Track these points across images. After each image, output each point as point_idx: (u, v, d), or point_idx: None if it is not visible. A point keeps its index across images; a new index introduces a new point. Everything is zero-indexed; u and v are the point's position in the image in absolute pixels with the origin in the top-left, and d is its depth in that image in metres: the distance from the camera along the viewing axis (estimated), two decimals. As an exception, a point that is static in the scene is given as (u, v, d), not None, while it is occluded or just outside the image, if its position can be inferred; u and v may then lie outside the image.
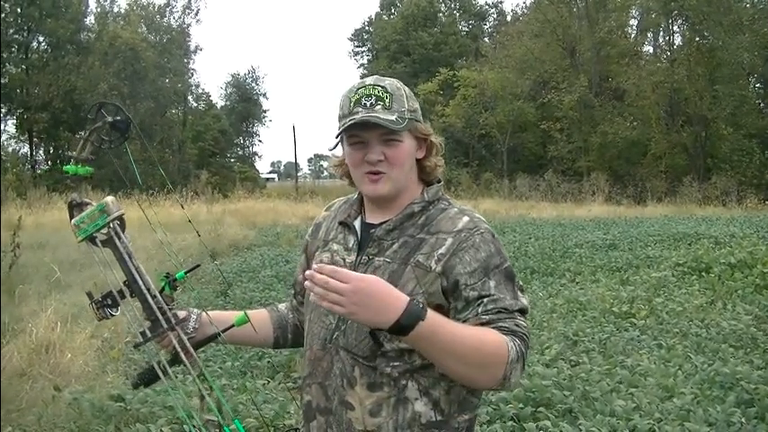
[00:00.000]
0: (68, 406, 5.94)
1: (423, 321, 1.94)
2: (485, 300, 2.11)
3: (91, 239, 2.16)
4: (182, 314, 2.30)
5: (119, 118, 2.23)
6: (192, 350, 2.18)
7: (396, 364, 2.13)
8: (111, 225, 2.14)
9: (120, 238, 2.15)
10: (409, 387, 2.14)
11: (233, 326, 2.33)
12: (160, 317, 2.16)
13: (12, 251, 10.57)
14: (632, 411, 5.51)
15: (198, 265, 2.49)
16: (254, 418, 5.28)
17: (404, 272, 2.17)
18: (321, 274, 1.92)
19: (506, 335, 2.06)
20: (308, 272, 1.96)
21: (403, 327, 1.93)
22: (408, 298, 1.96)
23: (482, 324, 2.08)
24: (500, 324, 2.08)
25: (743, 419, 5.30)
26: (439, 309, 2.13)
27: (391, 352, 2.12)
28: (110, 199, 2.16)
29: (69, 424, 5.69)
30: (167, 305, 2.22)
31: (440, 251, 2.17)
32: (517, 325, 2.10)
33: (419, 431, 2.15)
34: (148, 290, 2.16)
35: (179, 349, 2.16)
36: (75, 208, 2.19)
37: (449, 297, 2.15)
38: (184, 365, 2.18)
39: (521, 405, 5.60)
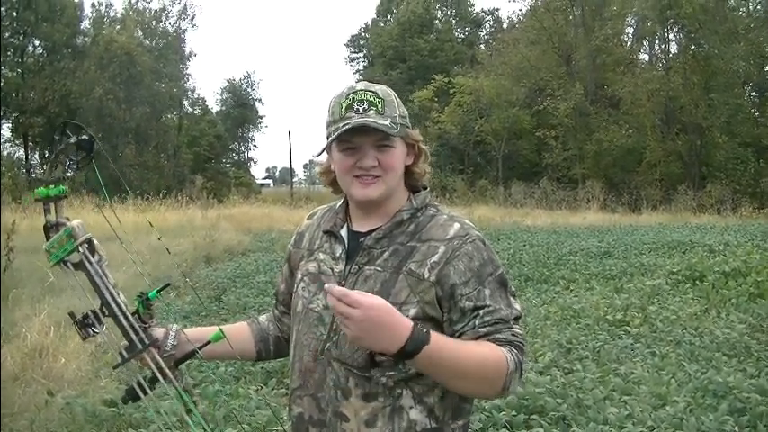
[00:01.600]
0: (61, 411, 5.94)
1: (428, 346, 1.96)
2: (480, 312, 2.11)
3: (63, 263, 2.16)
4: (159, 332, 2.29)
5: (84, 137, 2.22)
6: (166, 370, 2.16)
7: (390, 373, 2.11)
8: (81, 249, 2.14)
9: (90, 262, 2.15)
10: (404, 395, 2.13)
11: (209, 342, 2.31)
12: (134, 338, 2.15)
13: (6, 255, 10.55)
14: (625, 419, 5.51)
15: (168, 284, 2.47)
16: (248, 424, 5.28)
17: (396, 280, 2.15)
18: (331, 294, 1.94)
19: (503, 346, 2.08)
20: (326, 285, 1.99)
21: (408, 353, 1.95)
22: (412, 323, 1.98)
23: (479, 337, 2.10)
24: (497, 335, 2.10)
25: (735, 428, 5.31)
26: (432, 320, 2.14)
27: (386, 362, 2.09)
28: (76, 223, 2.15)
29: (62, 429, 5.68)
30: (145, 324, 2.22)
31: (432, 259, 2.15)
32: (514, 334, 2.12)
33: (415, 439, 2.14)
34: (122, 311, 2.16)
35: (155, 369, 2.16)
36: (51, 230, 2.19)
37: (443, 306, 2.14)
38: (169, 382, 2.18)
39: (514, 412, 5.60)
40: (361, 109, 2.16)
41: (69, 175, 2.22)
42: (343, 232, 2.32)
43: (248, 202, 40.01)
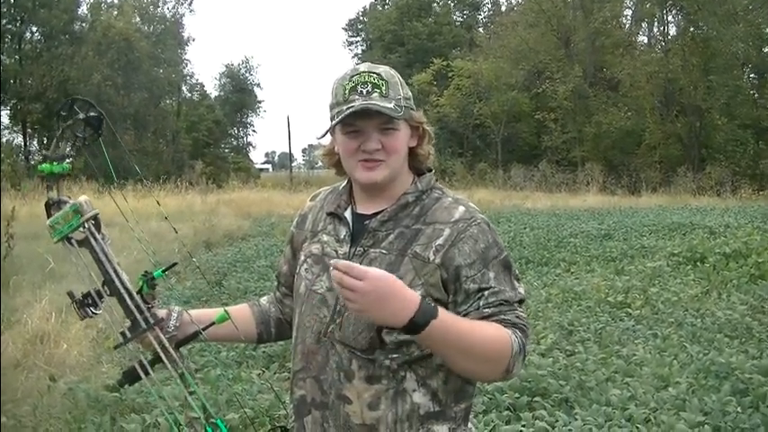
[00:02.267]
0: (64, 396, 5.95)
1: (435, 320, 1.95)
2: (485, 293, 2.11)
3: (67, 240, 2.14)
4: (162, 313, 2.28)
5: (92, 114, 2.19)
6: (171, 350, 2.15)
7: (394, 355, 2.11)
8: (86, 225, 2.12)
9: (95, 239, 2.13)
10: (407, 378, 2.13)
11: (213, 323, 2.29)
12: (138, 317, 2.14)
13: (6, 242, 10.55)
14: (628, 401, 5.53)
15: (175, 263, 2.46)
16: (251, 408, 5.28)
17: (401, 263, 2.15)
18: (336, 269, 1.92)
19: (508, 328, 2.08)
20: (332, 261, 1.98)
21: (417, 325, 1.94)
22: (420, 297, 1.98)
23: (484, 317, 2.09)
24: (502, 317, 2.10)
25: (738, 409, 5.32)
26: (438, 302, 2.12)
27: (390, 344, 2.10)
28: (83, 199, 2.13)
29: (65, 414, 5.69)
30: (148, 304, 2.20)
31: (437, 242, 2.15)
32: (518, 317, 2.12)
33: (418, 422, 2.14)
34: (126, 290, 2.14)
35: (158, 349, 2.14)
36: (52, 207, 2.16)
37: (448, 289, 2.14)
38: (172, 363, 2.17)
39: (516, 395, 5.61)
40: (364, 91, 2.15)
41: (73, 153, 2.21)
42: (348, 214, 2.31)
43: (247, 186, 39.98)
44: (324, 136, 2.30)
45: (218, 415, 4.75)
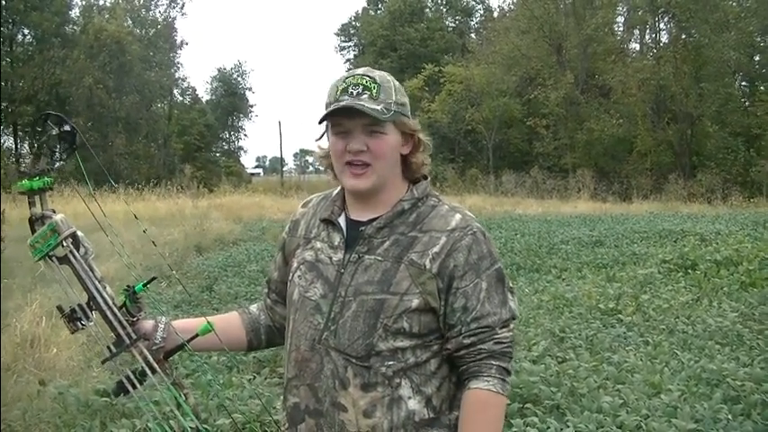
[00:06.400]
0: (54, 400, 5.91)
1: None
2: (468, 317, 2.14)
3: (48, 257, 2.14)
4: (148, 325, 2.29)
5: (66, 129, 2.19)
6: (155, 364, 2.17)
7: (390, 363, 2.11)
8: (65, 243, 2.12)
9: (75, 258, 2.13)
10: (403, 385, 2.12)
11: (197, 335, 2.30)
12: (121, 332, 2.15)
13: (-4, 245, 10.53)
14: (619, 408, 5.51)
15: (154, 278, 2.45)
16: (241, 414, 5.26)
17: (398, 270, 2.14)
18: None
19: (482, 368, 2.15)
20: None
21: None
22: None
23: (462, 347, 2.15)
24: (480, 347, 2.14)
25: (729, 416, 5.31)
26: (433, 312, 2.15)
27: (385, 351, 2.10)
28: (59, 217, 2.13)
29: (54, 419, 5.66)
30: (134, 317, 2.22)
31: (434, 250, 2.15)
32: (498, 342, 2.15)
33: (413, 429, 2.14)
34: (108, 306, 2.15)
35: (143, 364, 2.15)
36: (36, 223, 2.16)
37: (441, 299, 2.15)
38: (163, 373, 2.18)
39: (508, 401, 5.58)
40: (354, 93, 2.15)
41: (56, 166, 2.20)
42: (341, 220, 2.30)
43: (239, 191, 39.97)
44: (321, 137, 2.31)
45: (209, 420, 4.74)
